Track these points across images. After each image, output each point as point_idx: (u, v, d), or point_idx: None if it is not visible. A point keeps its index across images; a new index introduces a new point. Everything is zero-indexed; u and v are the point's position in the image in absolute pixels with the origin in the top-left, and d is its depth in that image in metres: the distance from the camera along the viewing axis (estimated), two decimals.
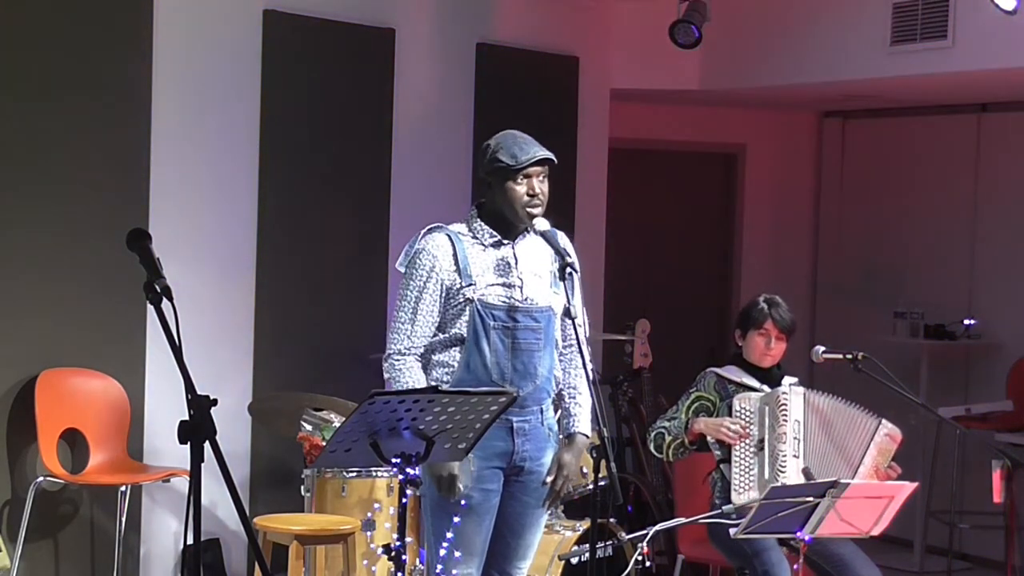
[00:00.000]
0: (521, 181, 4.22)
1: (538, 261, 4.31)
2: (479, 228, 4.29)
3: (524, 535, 4.37)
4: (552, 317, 4.30)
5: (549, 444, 4.35)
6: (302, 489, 5.58)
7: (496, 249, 4.28)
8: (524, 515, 4.34)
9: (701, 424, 5.05)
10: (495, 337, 4.21)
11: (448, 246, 4.24)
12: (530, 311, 4.25)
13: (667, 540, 6.42)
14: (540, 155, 4.23)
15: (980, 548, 7.80)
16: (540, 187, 4.25)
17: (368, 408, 3.64)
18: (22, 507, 5.68)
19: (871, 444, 4.94)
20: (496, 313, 4.22)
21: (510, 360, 4.22)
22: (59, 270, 5.85)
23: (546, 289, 4.30)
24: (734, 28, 7.62)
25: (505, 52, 7.31)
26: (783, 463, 4.89)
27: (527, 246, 4.31)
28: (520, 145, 4.25)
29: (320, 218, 6.64)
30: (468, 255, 4.23)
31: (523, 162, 4.21)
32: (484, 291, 4.22)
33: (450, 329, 4.24)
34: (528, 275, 4.28)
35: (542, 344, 4.28)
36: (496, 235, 4.28)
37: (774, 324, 5.13)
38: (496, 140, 4.30)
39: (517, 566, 4.40)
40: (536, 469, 4.31)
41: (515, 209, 4.23)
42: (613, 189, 8.07)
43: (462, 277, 4.21)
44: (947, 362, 8.18)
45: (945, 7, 6.67)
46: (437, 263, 4.22)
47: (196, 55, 6.23)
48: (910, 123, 8.60)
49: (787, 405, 4.94)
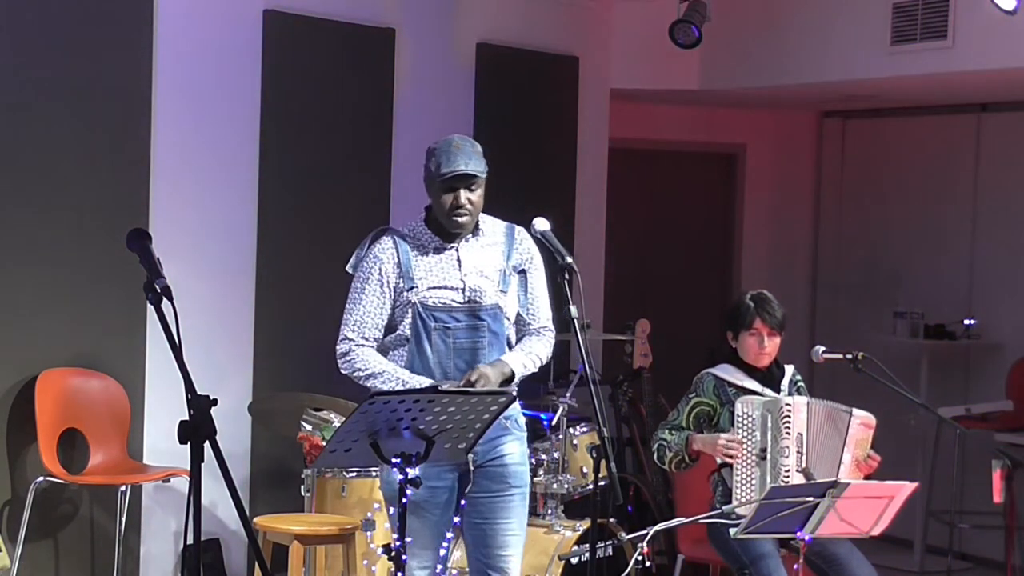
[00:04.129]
0: (447, 192, 4.27)
1: (485, 261, 4.36)
2: (422, 231, 4.37)
3: (495, 520, 4.35)
4: (499, 315, 4.34)
5: (509, 433, 4.37)
6: (302, 489, 5.58)
7: (438, 253, 4.34)
8: (491, 501, 4.34)
9: (699, 443, 5.01)
10: (436, 338, 4.28)
11: (392, 249, 4.33)
12: (474, 310, 4.31)
13: (667, 540, 6.42)
14: (458, 170, 4.26)
15: (980, 548, 7.80)
16: (467, 197, 4.28)
17: (368, 408, 3.65)
18: (22, 507, 5.68)
19: (847, 438, 4.92)
20: (437, 314, 4.28)
21: (452, 359, 4.28)
22: (59, 270, 5.85)
23: (492, 288, 4.34)
24: (734, 28, 7.62)
25: (505, 52, 7.31)
26: (786, 477, 4.86)
27: (473, 247, 4.37)
28: (448, 155, 4.28)
29: (320, 218, 6.64)
30: (411, 258, 4.31)
31: (442, 175, 4.26)
32: (425, 293, 4.28)
33: (395, 331, 4.33)
34: (473, 275, 4.33)
35: (486, 342, 4.32)
36: (437, 239, 4.35)
37: (764, 323, 5.05)
38: (435, 144, 4.36)
39: (499, 555, 4.36)
40: (494, 456, 4.33)
41: (443, 218, 4.31)
42: (613, 189, 8.07)
43: (404, 280, 4.29)
44: (947, 362, 8.18)
45: (945, 7, 6.67)
46: (382, 265, 4.32)
47: (196, 55, 6.23)
48: (910, 123, 8.60)
49: (790, 418, 4.89)
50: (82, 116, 5.90)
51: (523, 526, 4.45)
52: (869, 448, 4.98)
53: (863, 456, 4.95)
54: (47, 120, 5.81)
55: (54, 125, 5.83)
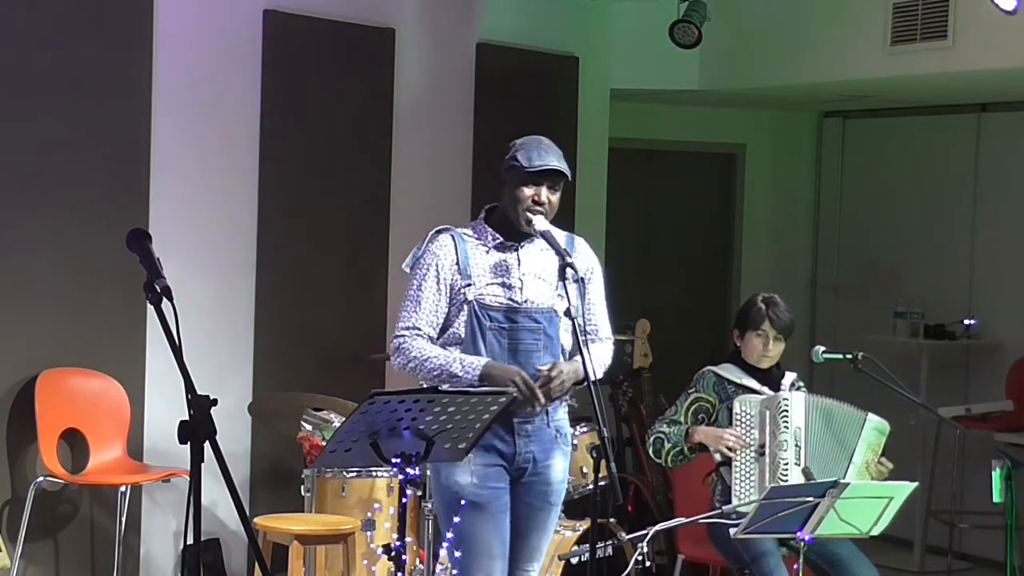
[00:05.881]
0: (530, 186, 4.25)
1: (543, 265, 4.34)
2: (483, 230, 4.34)
3: (529, 537, 4.36)
4: (555, 319, 4.32)
5: (556, 446, 4.36)
6: (302, 489, 5.58)
7: (499, 251, 4.31)
8: (528, 517, 4.34)
9: (701, 435, 5.03)
10: (491, 338, 4.25)
11: (451, 246, 4.29)
12: (529, 312, 4.28)
13: (667, 540, 6.42)
14: (552, 165, 4.27)
15: (980, 548, 7.79)
16: (548, 196, 4.29)
17: (368, 408, 3.65)
18: (22, 507, 5.68)
19: (859, 440, 4.94)
20: (493, 314, 4.25)
21: (507, 361, 4.24)
22: (59, 270, 5.85)
23: (549, 292, 4.32)
24: (734, 28, 7.62)
25: (505, 52, 7.31)
26: (784, 471, 4.88)
27: (532, 250, 4.35)
28: (539, 151, 4.28)
29: (320, 218, 6.64)
30: (470, 256, 4.28)
31: (535, 166, 4.24)
32: (482, 291, 4.25)
33: (449, 328, 4.28)
34: (530, 277, 4.31)
35: (541, 345, 4.29)
36: (499, 237, 4.31)
37: (771, 325, 5.10)
38: (521, 140, 4.35)
39: (524, 568, 4.38)
40: (541, 471, 4.32)
41: (516, 210, 4.27)
42: (613, 189, 8.07)
43: (462, 277, 4.25)
44: (947, 362, 8.18)
45: (945, 7, 6.67)
46: (439, 261, 4.27)
47: (196, 55, 6.23)
48: (910, 123, 8.59)
49: (788, 412, 4.92)
50: (82, 115, 5.90)
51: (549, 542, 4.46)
52: (881, 454, 5.00)
53: (874, 459, 4.97)
54: (47, 120, 5.81)
55: (54, 125, 5.83)
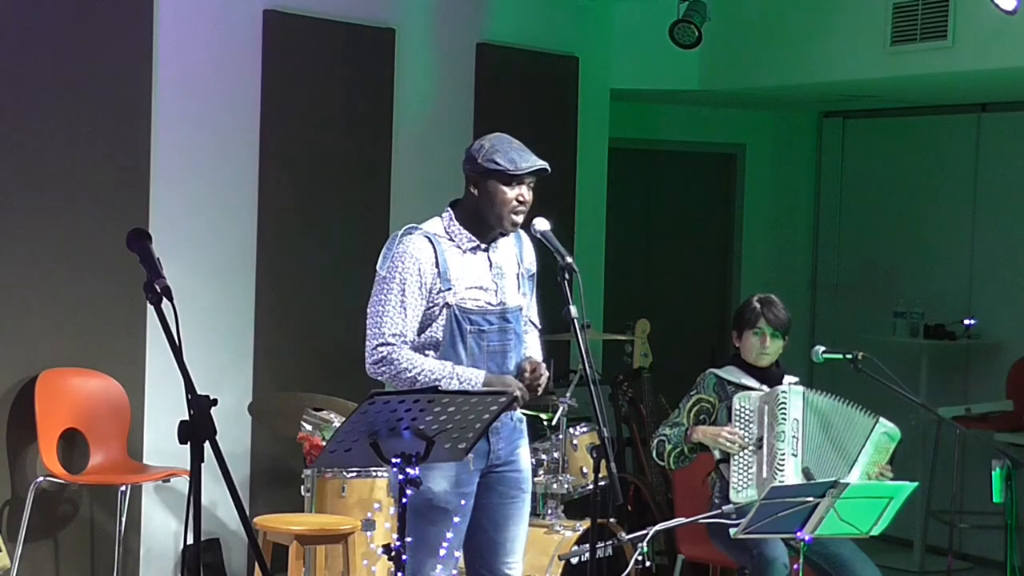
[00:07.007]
0: (515, 187, 4.25)
1: (506, 262, 4.36)
2: (456, 231, 4.30)
3: (507, 527, 4.34)
4: (520, 316, 4.35)
5: (519, 434, 4.38)
6: (302, 489, 5.58)
7: (473, 254, 4.30)
8: (503, 506, 4.33)
9: (699, 433, 5.08)
10: (471, 341, 4.25)
11: (429, 249, 4.23)
12: (503, 313, 4.30)
13: (667, 540, 6.42)
14: (538, 164, 4.27)
15: (980, 548, 7.80)
16: (528, 195, 4.29)
17: (368, 408, 3.64)
18: (22, 507, 5.68)
19: (867, 442, 4.95)
20: (472, 317, 4.25)
21: (485, 362, 4.25)
22: (59, 270, 5.85)
23: (515, 290, 4.35)
24: (734, 28, 7.62)
25: (505, 52, 7.31)
26: (781, 461, 4.92)
27: (500, 248, 4.36)
28: (518, 152, 4.27)
29: (320, 218, 6.64)
30: (447, 259, 4.24)
31: (523, 169, 4.24)
32: (463, 295, 4.24)
33: (425, 332, 4.25)
34: (501, 279, 4.32)
35: (513, 344, 4.32)
36: (474, 239, 4.30)
37: (768, 323, 5.15)
38: (491, 142, 4.30)
39: (506, 562, 4.36)
40: (510, 459, 4.33)
41: (500, 213, 4.25)
42: (613, 189, 8.07)
43: (442, 281, 4.22)
44: (947, 362, 8.18)
45: (945, 7, 6.67)
46: (420, 266, 4.21)
47: (196, 55, 6.23)
48: (910, 123, 8.60)
49: (786, 404, 4.97)
50: (82, 116, 5.90)
51: (527, 531, 4.46)
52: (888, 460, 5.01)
53: (882, 461, 4.97)
54: (47, 120, 5.81)
55: (54, 125, 5.83)
